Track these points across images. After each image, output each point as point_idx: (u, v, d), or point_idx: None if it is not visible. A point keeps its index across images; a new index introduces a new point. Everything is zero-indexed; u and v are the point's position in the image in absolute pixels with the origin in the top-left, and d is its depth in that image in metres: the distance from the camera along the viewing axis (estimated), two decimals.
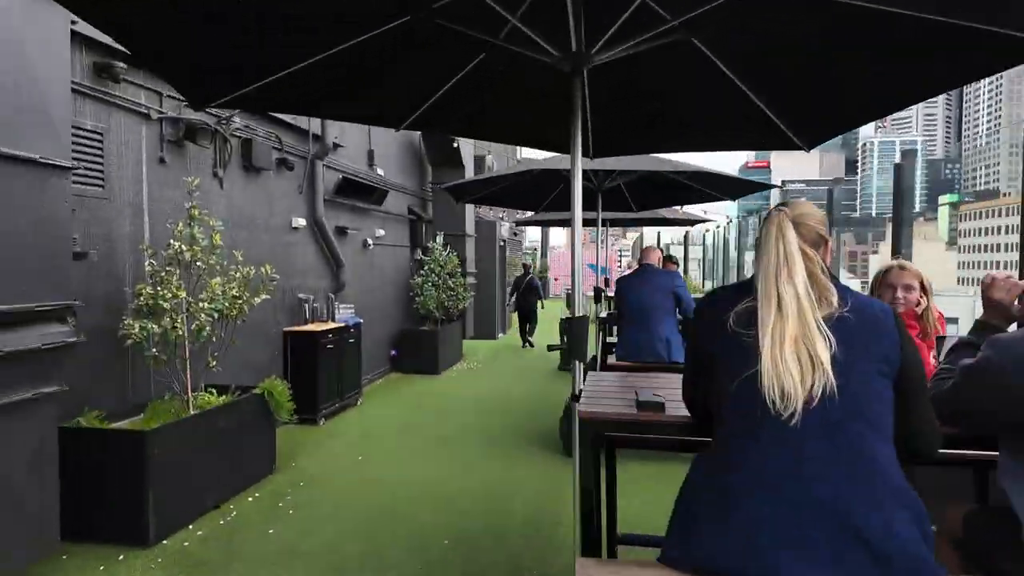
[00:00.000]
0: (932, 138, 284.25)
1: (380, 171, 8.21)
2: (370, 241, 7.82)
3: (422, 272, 8.90)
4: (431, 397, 7.15)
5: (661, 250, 8.21)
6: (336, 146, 6.95)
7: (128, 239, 4.08)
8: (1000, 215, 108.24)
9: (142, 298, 3.63)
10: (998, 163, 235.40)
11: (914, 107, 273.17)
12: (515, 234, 18.02)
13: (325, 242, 6.69)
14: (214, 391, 4.36)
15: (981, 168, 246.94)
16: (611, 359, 5.09)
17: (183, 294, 3.63)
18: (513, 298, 12.21)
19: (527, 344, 11.53)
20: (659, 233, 20.02)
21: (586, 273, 24.65)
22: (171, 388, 3.93)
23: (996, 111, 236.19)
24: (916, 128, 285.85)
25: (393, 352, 8.67)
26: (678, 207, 9.91)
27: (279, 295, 5.90)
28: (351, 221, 7.39)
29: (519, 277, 12.29)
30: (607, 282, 9.07)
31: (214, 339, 4.00)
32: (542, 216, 8.52)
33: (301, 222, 6.24)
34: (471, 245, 10.21)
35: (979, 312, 1.86)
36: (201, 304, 3.77)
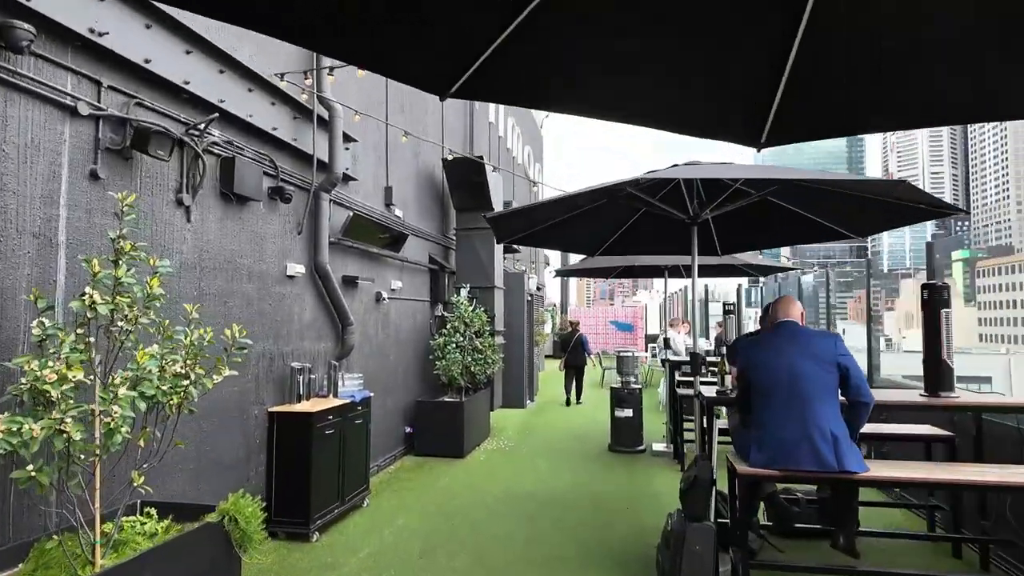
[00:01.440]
0: (940, 194, 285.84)
1: (399, 212, 6.93)
2: (384, 295, 6.44)
3: (444, 331, 7.47)
4: (458, 493, 5.57)
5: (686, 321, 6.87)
6: (348, 178, 5.68)
7: (26, 287, 2.70)
8: (1018, 271, 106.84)
9: (23, 381, 2.22)
10: (1009, 219, 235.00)
11: (920, 166, 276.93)
12: (539, 288, 16.67)
13: (329, 295, 5.31)
14: (153, 513, 2.89)
15: (992, 224, 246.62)
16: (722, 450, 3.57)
17: (79, 374, 2.20)
18: (563, 355, 11.69)
19: (574, 401, 11.31)
20: (688, 287, 18.69)
21: (607, 331, 23.02)
22: (72, 521, 2.45)
23: (1004, 168, 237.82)
24: (924, 186, 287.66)
25: (408, 429, 7.14)
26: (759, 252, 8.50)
27: (265, 363, 4.46)
28: (362, 270, 6.04)
29: (567, 334, 11.72)
30: (666, 341, 7.58)
31: (142, 443, 2.55)
32: (591, 264, 7.17)
33: (299, 269, 4.88)
34: (500, 299, 8.82)
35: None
36: (117, 390, 2.34)
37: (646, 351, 21.30)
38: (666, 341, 7.23)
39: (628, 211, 4.83)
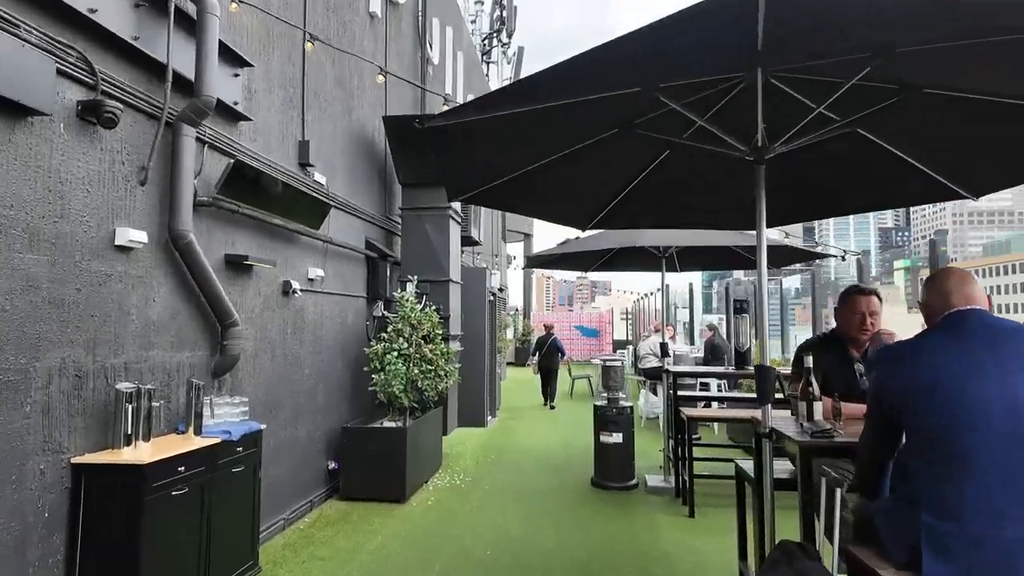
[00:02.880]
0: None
1: (320, 177, 5.24)
2: (296, 285, 4.74)
3: (384, 335, 5.81)
4: (395, 560, 3.91)
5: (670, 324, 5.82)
6: (236, 115, 3.99)
7: None
8: None
9: None
10: (945, 230, 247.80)
11: None
12: (501, 289, 15.08)
13: (197, 280, 3.59)
14: None
15: (930, 235, 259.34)
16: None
17: None
18: (536, 358, 11.54)
19: (548, 405, 11.15)
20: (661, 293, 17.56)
21: (571, 336, 21.64)
22: None
23: None
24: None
25: (332, 464, 5.43)
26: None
27: (66, 385, 2.73)
28: (261, 248, 4.34)
29: (542, 337, 11.55)
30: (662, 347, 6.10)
31: None
32: (574, 248, 5.64)
33: (139, 238, 3.16)
34: (456, 297, 7.19)
35: None
36: None
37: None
38: (663, 347, 5.74)
39: (643, 155, 3.21)
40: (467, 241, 9.65)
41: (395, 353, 5.68)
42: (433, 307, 6.21)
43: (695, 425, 5.63)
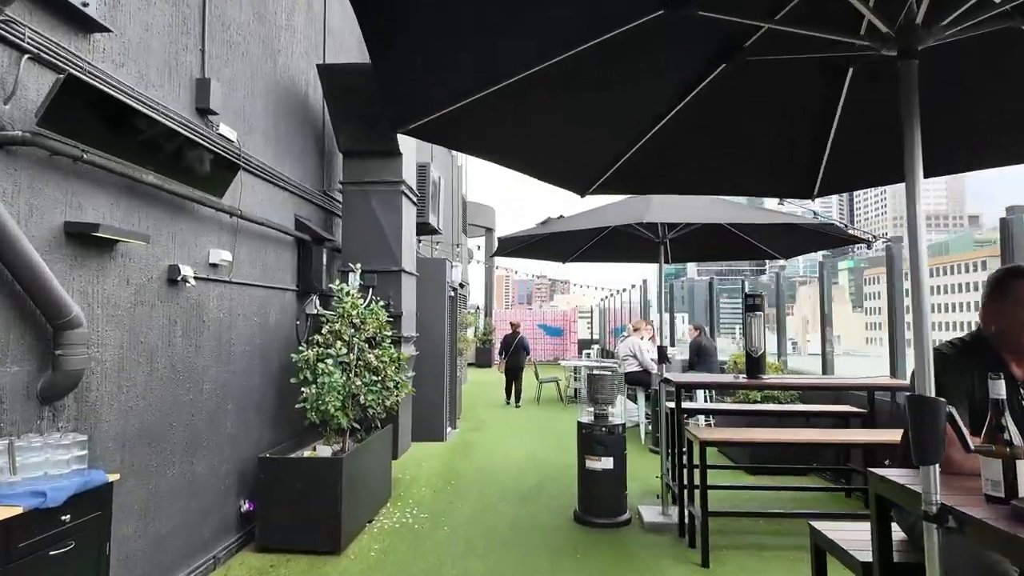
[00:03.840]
0: (827, 209, 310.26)
1: (228, 131, 4.01)
2: (188, 271, 3.50)
3: (318, 338, 4.63)
4: None
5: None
6: (81, 17, 2.75)
7: None
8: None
9: None
10: (886, 232, 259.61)
11: None
12: (462, 285, 13.92)
13: (5, 257, 2.35)
14: None
15: (870, 237, 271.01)
16: None
17: None
18: (503, 357, 11.35)
19: (514, 403, 11.07)
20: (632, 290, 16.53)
21: (534, 335, 20.69)
22: None
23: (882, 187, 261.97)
24: (813, 200, 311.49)
25: (246, 505, 4.21)
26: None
27: None
28: (128, 216, 3.09)
29: (508, 336, 11.37)
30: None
31: None
32: (555, 227, 4.56)
33: None
34: (410, 291, 6.01)
35: None
36: None
37: (580, 358, 19.13)
38: (661, 351, 4.74)
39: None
40: (424, 228, 8.48)
41: (331, 360, 4.50)
42: (381, 303, 5.04)
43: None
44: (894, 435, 3.93)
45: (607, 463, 4.58)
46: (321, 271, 5.26)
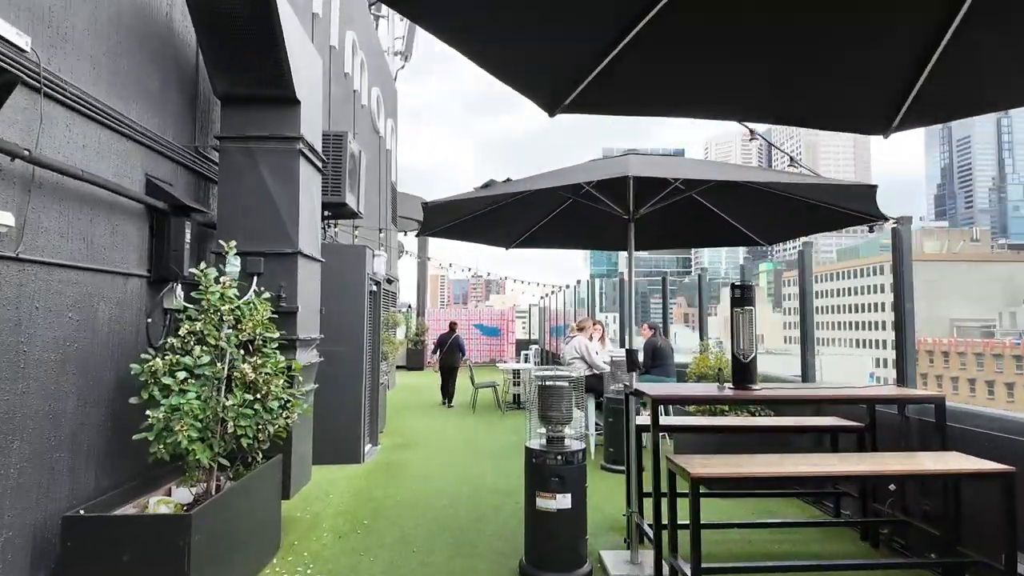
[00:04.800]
0: None
1: (12, 34, 2.67)
2: None
3: (173, 341, 3.34)
4: None
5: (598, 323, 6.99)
6: None
7: None
8: (819, 280, 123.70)
9: None
10: (811, 241, 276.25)
11: None
12: (390, 281, 12.58)
13: None
14: None
15: (791, 241, 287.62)
16: None
17: None
18: (437, 355, 11.35)
19: (447, 404, 10.89)
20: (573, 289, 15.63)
21: (470, 335, 19.59)
22: None
23: None
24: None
25: None
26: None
27: None
28: None
29: (444, 335, 11.33)
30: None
31: None
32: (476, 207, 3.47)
33: None
34: (311, 280, 4.74)
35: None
36: None
37: (518, 360, 18.16)
38: (630, 355, 3.74)
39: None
40: (342, 211, 7.21)
41: (183, 373, 3.22)
42: (266, 295, 3.78)
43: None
44: (935, 461, 3.10)
45: (563, 501, 3.53)
46: (183, 251, 3.93)
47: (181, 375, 3.22)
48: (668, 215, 4.20)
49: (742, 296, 3.73)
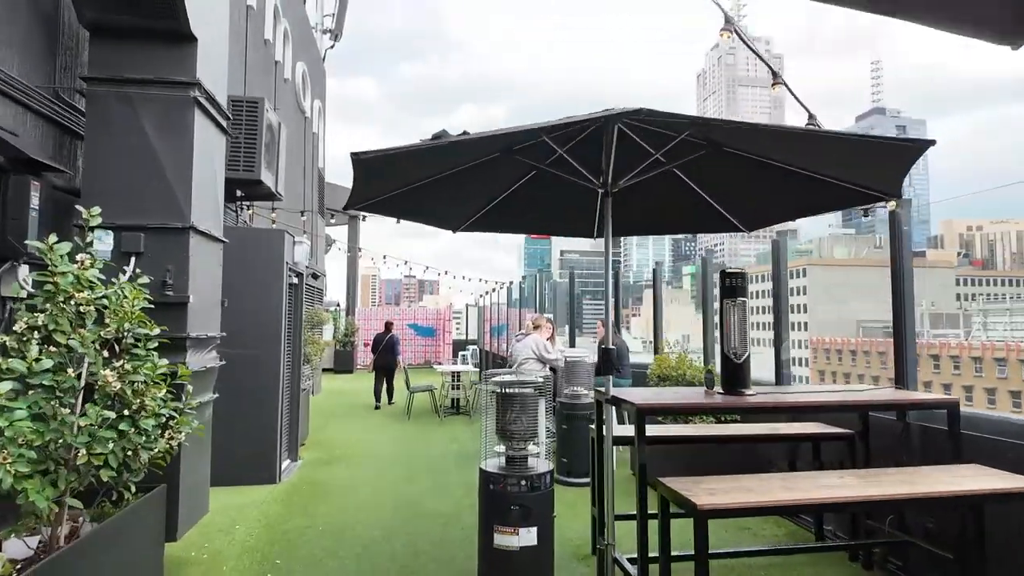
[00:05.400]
0: None
1: None
2: None
3: (10, 339, 2.42)
4: None
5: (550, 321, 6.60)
6: None
7: None
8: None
9: None
10: (722, 242, 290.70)
11: None
12: (316, 276, 11.49)
13: None
14: None
15: (716, 244, 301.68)
16: None
17: None
18: (372, 356, 11.18)
19: (382, 404, 10.60)
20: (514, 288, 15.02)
21: (404, 336, 18.64)
22: None
23: None
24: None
25: None
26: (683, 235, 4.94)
27: None
28: None
29: (380, 335, 11.17)
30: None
31: None
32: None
33: None
34: (210, 265, 3.82)
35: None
36: None
37: (455, 361, 17.38)
38: (605, 353, 3.13)
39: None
40: (254, 189, 6.27)
41: (9, 384, 2.32)
42: (143, 279, 2.88)
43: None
44: (982, 480, 2.65)
45: (528, 537, 2.86)
46: (27, 221, 2.96)
47: (6, 385, 2.31)
48: (647, 194, 3.63)
49: (733, 285, 3.20)
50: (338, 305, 19.85)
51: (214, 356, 3.76)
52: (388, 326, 11.32)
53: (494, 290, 13.83)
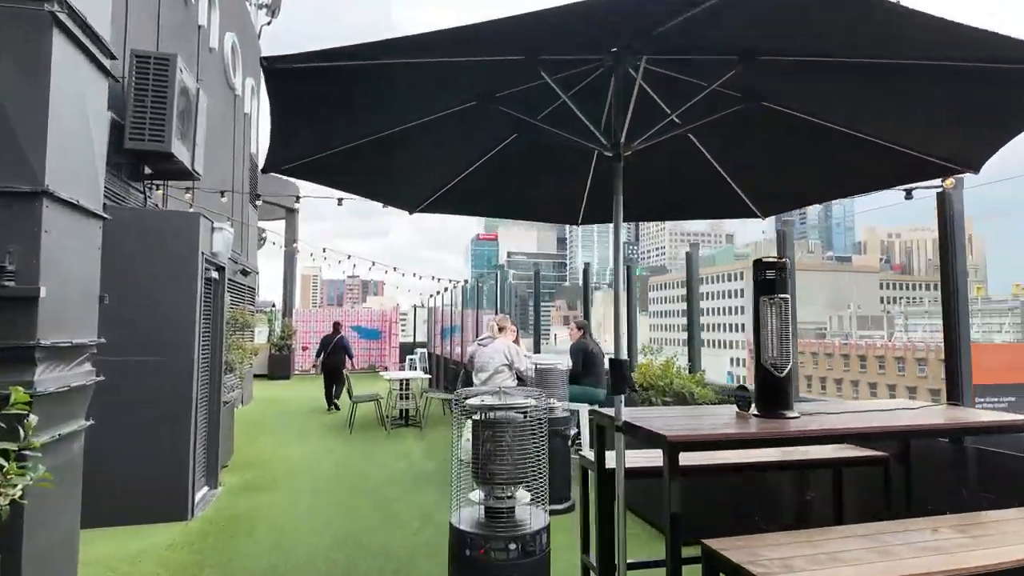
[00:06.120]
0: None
1: None
2: None
3: None
4: None
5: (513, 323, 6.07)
6: None
7: None
8: (674, 287, 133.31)
9: None
10: (663, 246, 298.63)
11: None
12: (245, 272, 10.26)
13: None
14: None
15: (654, 249, 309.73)
16: None
17: None
18: (320, 358, 10.75)
19: (333, 407, 10.09)
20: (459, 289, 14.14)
21: (348, 338, 17.52)
22: None
23: None
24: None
25: None
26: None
27: None
28: None
29: (328, 336, 10.81)
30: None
31: None
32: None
33: None
34: (75, 245, 2.86)
35: None
36: None
37: (403, 366, 16.38)
38: (617, 366, 2.38)
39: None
40: (164, 165, 5.27)
41: None
42: None
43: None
44: None
45: None
46: None
47: None
48: (650, 172, 2.94)
49: (771, 278, 2.54)
50: (273, 306, 18.45)
51: (87, 370, 2.81)
52: (337, 327, 11.03)
53: (446, 289, 12.96)
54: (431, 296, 15.43)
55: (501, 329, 5.46)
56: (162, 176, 5.71)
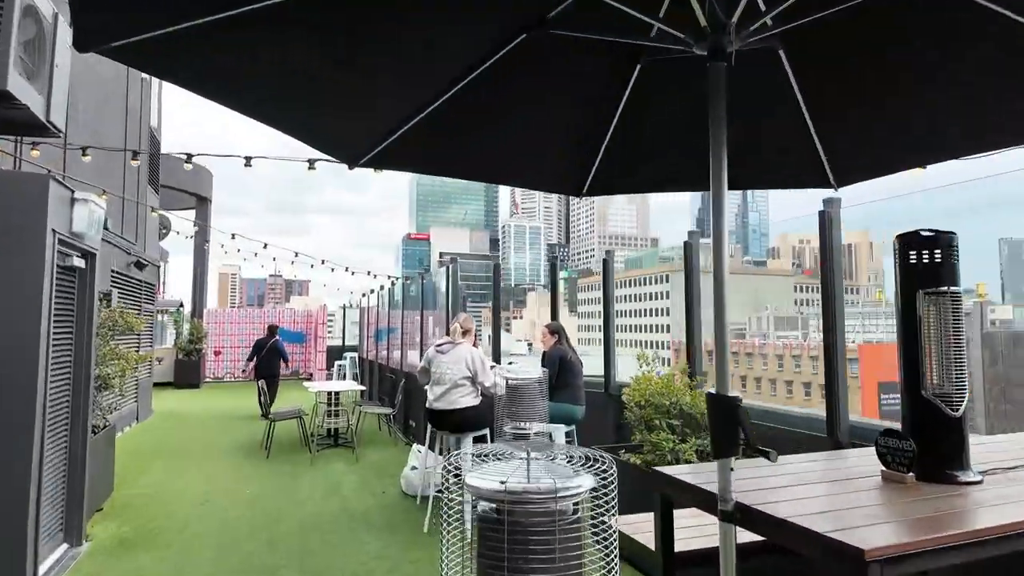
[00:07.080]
0: (550, 226, 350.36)
1: None
2: None
3: None
4: None
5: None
6: None
7: None
8: (599, 289, 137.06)
9: None
10: (593, 248, 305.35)
11: (537, 199, 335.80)
12: (140, 265, 8.56)
13: None
14: None
15: (584, 252, 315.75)
16: None
17: None
18: (253, 363, 9.97)
19: (266, 416, 7.79)
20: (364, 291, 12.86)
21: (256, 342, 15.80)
22: None
23: (591, 209, 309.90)
24: (539, 217, 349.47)
25: None
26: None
27: None
28: None
29: (262, 339, 10.08)
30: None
31: None
32: None
33: None
34: None
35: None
36: None
37: (331, 373, 14.90)
38: (724, 406, 1.41)
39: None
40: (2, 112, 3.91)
41: None
42: None
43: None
44: None
45: None
46: None
47: None
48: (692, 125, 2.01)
49: (937, 262, 1.65)
50: (181, 306, 16.43)
51: None
52: (272, 330, 10.36)
53: (383, 287, 11.68)
54: (363, 295, 14.06)
55: (466, 331, 4.40)
56: (5, 129, 4.26)
